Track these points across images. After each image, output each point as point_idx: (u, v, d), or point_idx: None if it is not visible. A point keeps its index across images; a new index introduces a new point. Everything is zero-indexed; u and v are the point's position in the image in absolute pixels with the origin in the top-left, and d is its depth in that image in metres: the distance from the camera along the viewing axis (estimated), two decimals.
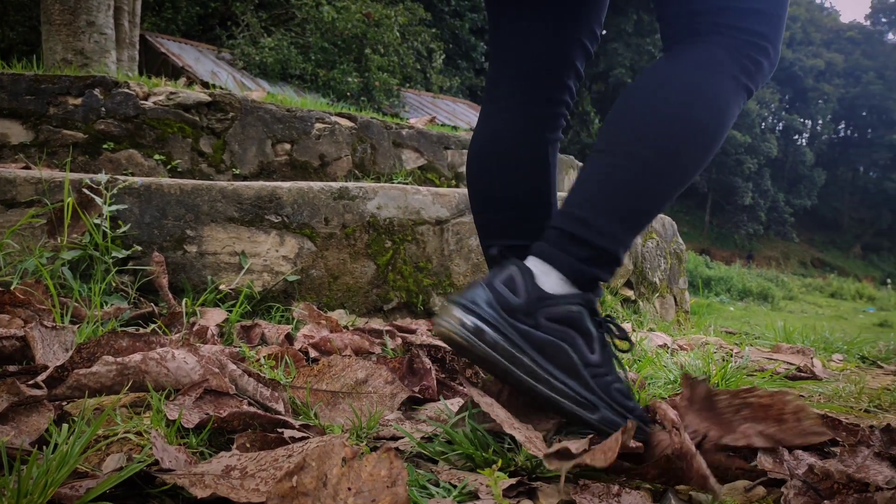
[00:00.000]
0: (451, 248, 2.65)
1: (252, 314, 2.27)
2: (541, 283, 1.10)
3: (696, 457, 0.93)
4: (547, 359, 1.08)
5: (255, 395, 1.26)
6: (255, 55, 13.24)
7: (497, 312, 1.06)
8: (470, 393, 1.13)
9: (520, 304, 1.07)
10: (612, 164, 1.13)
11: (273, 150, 3.05)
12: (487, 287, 1.08)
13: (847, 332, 10.96)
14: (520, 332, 1.07)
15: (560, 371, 1.09)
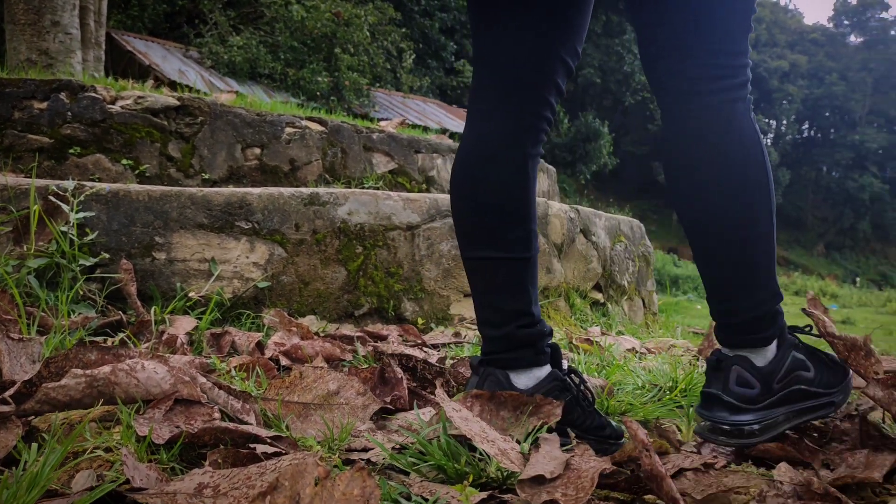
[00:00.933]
0: (423, 254, 2.66)
1: (222, 321, 2.26)
2: (759, 363, 1.28)
3: (665, 479, 0.95)
4: (790, 403, 1.29)
5: (226, 408, 1.26)
6: (224, 54, 13.10)
7: (746, 412, 1.26)
8: (444, 407, 1.14)
9: (757, 392, 1.27)
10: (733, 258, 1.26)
11: (243, 154, 3.03)
12: (726, 394, 1.27)
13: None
14: (766, 407, 1.27)
15: (801, 402, 1.30)
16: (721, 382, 1.27)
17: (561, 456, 1.07)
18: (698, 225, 1.28)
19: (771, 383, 1.27)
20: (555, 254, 3.13)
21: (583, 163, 26.57)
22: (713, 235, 1.27)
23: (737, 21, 1.23)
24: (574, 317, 3.20)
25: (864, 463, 1.19)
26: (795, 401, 1.29)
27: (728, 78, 1.23)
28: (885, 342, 10.71)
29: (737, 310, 1.28)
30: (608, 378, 1.82)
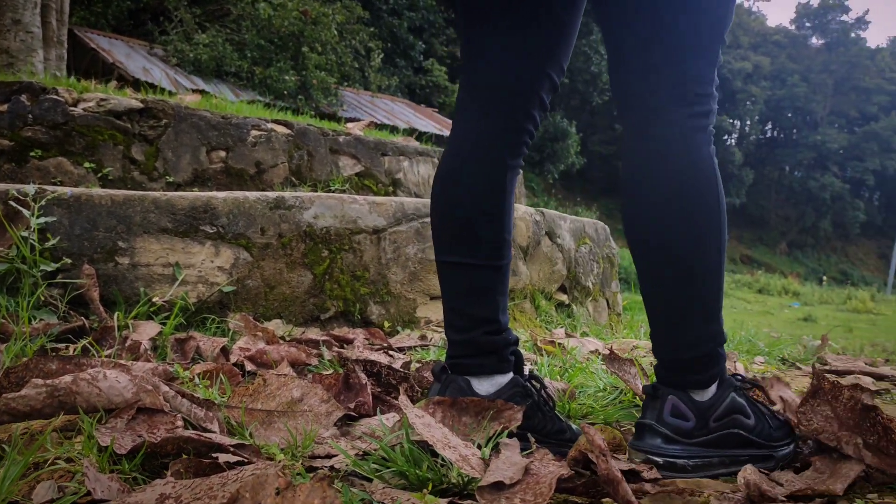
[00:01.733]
0: (389, 257, 2.67)
1: (186, 326, 2.25)
2: (698, 397, 1.28)
3: (621, 483, 0.98)
4: (727, 447, 1.28)
5: (190, 416, 1.26)
6: (189, 52, 12.94)
7: (679, 444, 1.25)
8: (407, 413, 1.16)
9: (692, 426, 1.26)
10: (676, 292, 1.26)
11: (208, 157, 3.02)
12: (660, 424, 1.26)
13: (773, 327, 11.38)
14: (701, 445, 1.26)
15: (739, 448, 1.29)
16: (656, 412, 1.27)
17: (520, 461, 1.09)
18: (646, 250, 1.28)
19: (708, 419, 1.26)
20: (520, 256, 3.16)
21: (550, 162, 26.73)
22: (659, 262, 1.26)
23: (705, 48, 1.23)
24: (539, 318, 3.23)
25: (829, 471, 1.22)
26: (733, 446, 1.28)
27: (693, 105, 1.24)
28: (846, 339, 10.95)
29: (678, 346, 1.27)
30: (570, 381, 1.85)
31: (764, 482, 1.13)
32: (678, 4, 1.20)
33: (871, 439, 1.23)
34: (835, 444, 1.26)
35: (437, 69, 22.91)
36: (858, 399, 1.24)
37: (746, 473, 1.13)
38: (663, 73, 1.22)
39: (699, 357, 1.28)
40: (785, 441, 1.34)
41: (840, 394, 1.28)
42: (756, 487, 1.09)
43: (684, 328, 1.27)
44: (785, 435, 1.35)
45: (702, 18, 1.22)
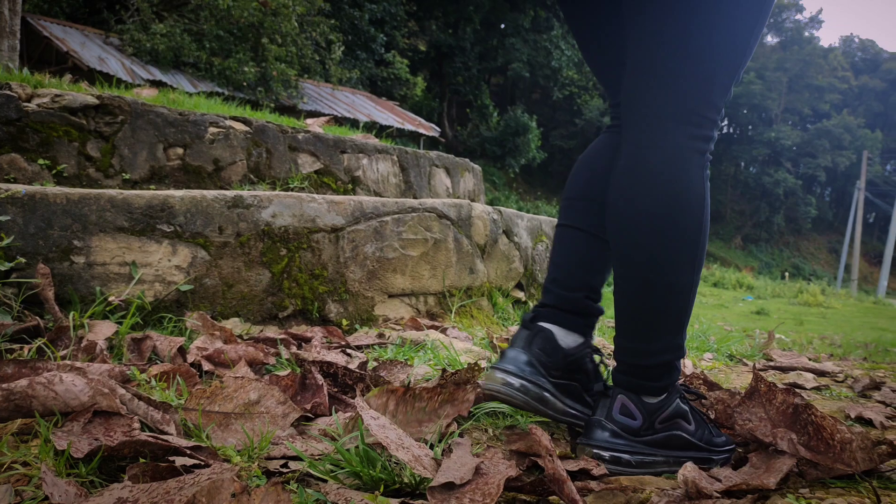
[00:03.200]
0: (347, 256, 2.69)
1: (143, 326, 2.25)
2: (646, 399, 1.35)
3: (566, 482, 1.02)
4: (670, 448, 1.35)
5: (146, 419, 1.28)
6: (146, 42, 12.74)
7: (625, 440, 1.32)
8: (362, 415, 1.19)
9: (639, 424, 1.33)
10: (645, 297, 1.32)
11: (165, 154, 3.00)
12: (608, 421, 1.33)
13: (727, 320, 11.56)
14: (646, 444, 1.33)
15: (681, 450, 1.35)
16: (605, 409, 1.34)
17: (471, 462, 1.14)
18: (626, 262, 1.33)
19: (654, 420, 1.34)
20: (478, 254, 3.21)
21: (512, 156, 26.89)
22: (637, 275, 1.32)
23: (720, 78, 1.28)
24: (496, 315, 3.28)
25: (765, 466, 1.29)
26: (677, 447, 1.35)
27: (697, 126, 1.29)
28: (796, 332, 11.23)
29: (641, 352, 1.34)
30: None
31: (702, 479, 1.19)
32: (705, 35, 1.25)
33: (803, 439, 1.30)
34: (770, 439, 1.33)
35: (399, 62, 22.87)
36: (791, 403, 1.31)
37: (686, 471, 1.19)
38: (679, 86, 1.27)
39: (659, 366, 1.35)
40: (725, 447, 1.41)
41: (774, 397, 1.34)
42: (694, 484, 1.14)
43: (650, 338, 1.34)
44: (725, 442, 1.42)
45: (723, 53, 1.27)
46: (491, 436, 1.53)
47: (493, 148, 26.89)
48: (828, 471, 1.28)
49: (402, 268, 2.86)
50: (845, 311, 19.80)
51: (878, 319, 17.64)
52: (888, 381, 2.50)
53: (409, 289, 2.90)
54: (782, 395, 1.37)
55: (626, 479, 1.25)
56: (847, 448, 1.29)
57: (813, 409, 1.32)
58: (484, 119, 27.52)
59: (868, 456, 1.29)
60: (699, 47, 1.26)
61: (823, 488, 1.25)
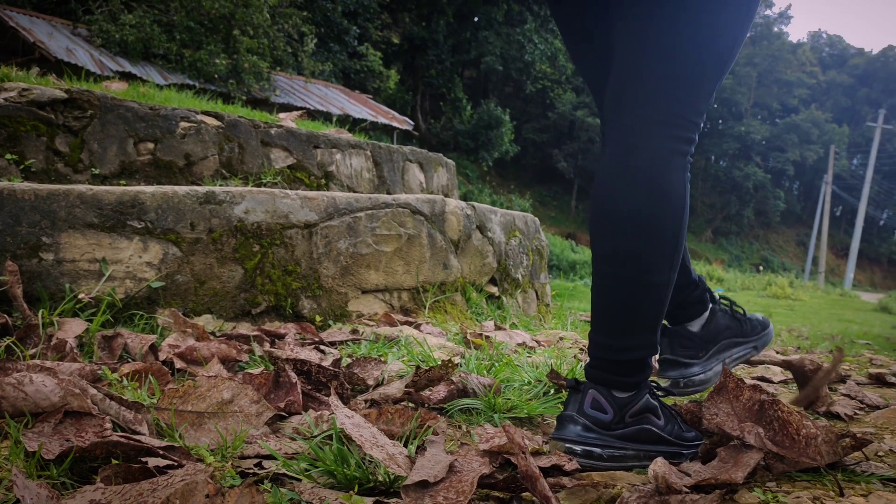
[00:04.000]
0: (320, 252, 2.69)
1: (114, 323, 2.23)
2: (617, 393, 1.38)
3: (539, 479, 1.04)
4: (641, 441, 1.37)
5: (118, 419, 1.27)
6: (115, 33, 12.53)
7: (597, 433, 1.34)
8: (336, 414, 1.20)
9: (610, 418, 1.36)
10: (622, 292, 1.35)
11: (135, 149, 2.97)
12: (580, 415, 1.36)
13: None
14: (617, 437, 1.36)
15: (652, 444, 1.38)
16: (577, 404, 1.36)
17: (445, 459, 1.15)
18: (607, 258, 1.36)
19: (624, 415, 1.36)
20: (452, 250, 3.22)
21: (485, 149, 26.91)
22: (618, 268, 1.34)
23: (704, 82, 1.32)
24: (470, 311, 3.30)
25: (733, 461, 1.31)
26: (646, 441, 1.38)
27: (680, 129, 1.32)
28: None
29: (616, 348, 1.37)
30: (496, 376, 1.91)
31: (672, 474, 1.21)
32: (692, 42, 1.28)
33: (770, 434, 1.32)
34: (738, 434, 1.36)
35: (372, 54, 22.78)
36: (757, 399, 1.34)
37: (656, 466, 1.21)
38: (663, 89, 1.30)
39: (633, 362, 1.38)
40: (694, 441, 1.44)
41: (742, 393, 1.37)
42: (664, 480, 1.16)
43: (626, 334, 1.37)
44: (695, 437, 1.45)
45: (708, 59, 1.30)
46: (464, 432, 1.54)
47: (466, 141, 26.89)
48: (794, 464, 1.31)
49: (376, 263, 2.86)
50: (813, 303, 20.14)
51: (845, 311, 17.96)
52: (853, 374, 2.56)
53: (382, 284, 2.90)
54: (749, 391, 1.39)
55: (597, 475, 1.27)
56: (812, 442, 1.32)
57: (779, 405, 1.34)
58: (457, 112, 27.51)
59: (832, 449, 1.33)
60: (686, 53, 1.29)
61: (790, 481, 1.28)
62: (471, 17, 27.45)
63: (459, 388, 1.69)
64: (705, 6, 1.28)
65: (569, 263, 24.09)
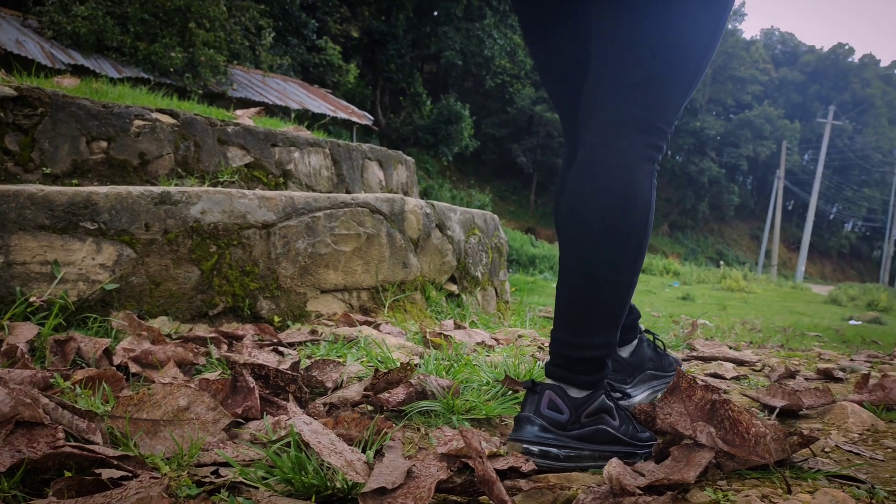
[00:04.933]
0: (279, 252, 2.67)
1: (67, 326, 2.19)
2: (573, 394, 1.40)
3: (496, 483, 1.05)
4: (596, 442, 1.39)
5: (71, 428, 1.25)
6: (67, 24, 12.23)
7: (553, 434, 1.36)
8: (293, 420, 1.20)
9: (566, 418, 1.38)
10: (587, 290, 1.39)
11: (88, 147, 2.91)
12: (537, 416, 1.37)
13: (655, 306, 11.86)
14: (573, 438, 1.38)
15: (607, 444, 1.40)
16: (533, 405, 1.38)
17: (403, 465, 1.15)
18: (574, 253, 1.39)
19: (580, 415, 1.39)
20: (411, 249, 3.22)
21: (445, 144, 26.91)
22: (585, 266, 1.38)
23: (676, 93, 1.38)
24: (430, 309, 3.31)
25: (685, 460, 1.34)
26: (603, 442, 1.40)
27: (650, 136, 1.37)
28: (719, 317, 11.62)
29: (577, 345, 1.41)
30: (455, 377, 1.92)
31: (626, 475, 1.23)
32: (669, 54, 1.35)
33: (721, 433, 1.36)
34: (690, 433, 1.39)
35: (331, 48, 22.59)
36: (709, 399, 1.37)
37: (610, 468, 1.23)
38: (637, 96, 1.35)
39: (592, 360, 1.41)
40: (649, 442, 1.48)
41: (694, 393, 1.40)
42: (618, 481, 1.19)
43: (589, 332, 1.41)
44: (649, 437, 1.49)
45: (682, 71, 1.37)
46: (423, 435, 1.55)
47: (426, 136, 26.86)
48: (744, 462, 1.34)
49: (335, 263, 2.85)
50: (766, 296, 20.59)
51: (796, 303, 18.40)
52: (802, 369, 2.63)
53: (341, 284, 2.89)
54: (701, 391, 1.43)
55: (553, 477, 1.29)
56: (762, 441, 1.35)
57: (730, 405, 1.38)
58: (417, 107, 27.45)
59: (781, 447, 1.37)
60: (662, 64, 1.35)
61: (740, 479, 1.32)
62: (430, 11, 27.41)
63: (418, 391, 1.70)
64: (681, 17, 1.34)
65: (528, 258, 24.24)
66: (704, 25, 1.37)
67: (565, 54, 1.58)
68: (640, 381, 1.70)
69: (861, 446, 1.56)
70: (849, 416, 1.75)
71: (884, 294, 22.04)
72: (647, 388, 1.69)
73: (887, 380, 1.97)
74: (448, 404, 1.69)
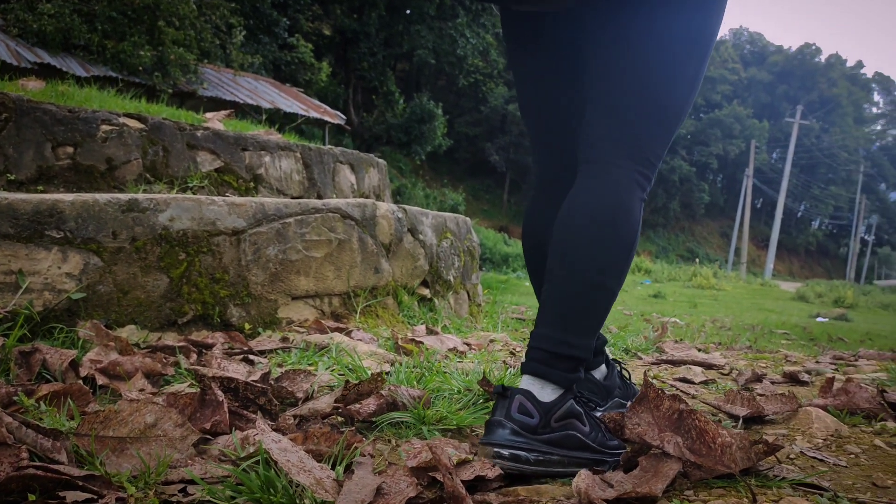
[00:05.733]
0: (249, 259, 2.65)
1: (32, 337, 2.15)
2: (543, 398, 1.43)
3: (465, 499, 1.05)
4: (566, 447, 1.42)
5: (36, 448, 1.23)
6: (33, 22, 12.01)
7: (524, 437, 1.39)
8: (262, 438, 1.19)
9: (536, 422, 1.40)
10: (573, 290, 1.47)
11: (54, 153, 2.87)
12: (507, 420, 1.40)
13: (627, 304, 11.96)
14: (543, 442, 1.40)
15: (577, 450, 1.43)
16: (504, 409, 1.42)
17: (372, 482, 1.15)
18: (562, 259, 1.49)
19: (550, 419, 1.42)
20: (383, 254, 3.22)
21: (418, 143, 26.88)
22: (569, 271, 1.47)
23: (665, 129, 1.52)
24: (402, 314, 3.30)
25: (653, 471, 1.36)
26: (573, 448, 1.44)
27: (642, 165, 1.50)
28: (690, 315, 11.74)
29: (561, 341, 1.46)
30: (426, 386, 1.92)
31: (595, 487, 1.24)
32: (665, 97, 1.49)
33: (688, 442, 1.38)
34: (658, 443, 1.40)
35: (303, 45, 22.46)
36: (676, 409, 1.39)
37: (579, 480, 1.24)
38: (631, 131, 1.49)
39: (571, 358, 1.46)
40: (618, 450, 1.50)
41: (662, 403, 1.42)
42: (586, 494, 1.20)
43: (572, 330, 1.48)
44: (618, 445, 1.51)
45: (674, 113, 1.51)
46: (394, 447, 1.55)
47: (399, 135, 26.80)
48: (710, 471, 1.36)
49: (306, 269, 2.84)
50: (735, 293, 20.85)
51: (765, 300, 18.66)
52: (769, 372, 2.66)
53: (313, 290, 2.88)
54: (669, 401, 1.45)
55: (523, 490, 1.29)
56: (728, 450, 1.37)
57: (696, 415, 1.40)
58: (390, 106, 27.38)
59: (746, 455, 1.39)
60: (659, 106, 1.49)
61: (706, 489, 1.33)
62: (403, 10, 27.35)
63: (389, 402, 1.70)
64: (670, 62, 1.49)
65: (501, 256, 24.31)
66: (690, 68, 1.51)
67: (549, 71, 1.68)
68: (610, 408, 1.74)
69: (825, 452, 1.59)
70: (813, 422, 1.78)
71: (850, 291, 22.45)
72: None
73: (851, 384, 2.01)
74: (419, 415, 1.69)
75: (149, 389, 1.88)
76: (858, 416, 1.88)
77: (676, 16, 1.48)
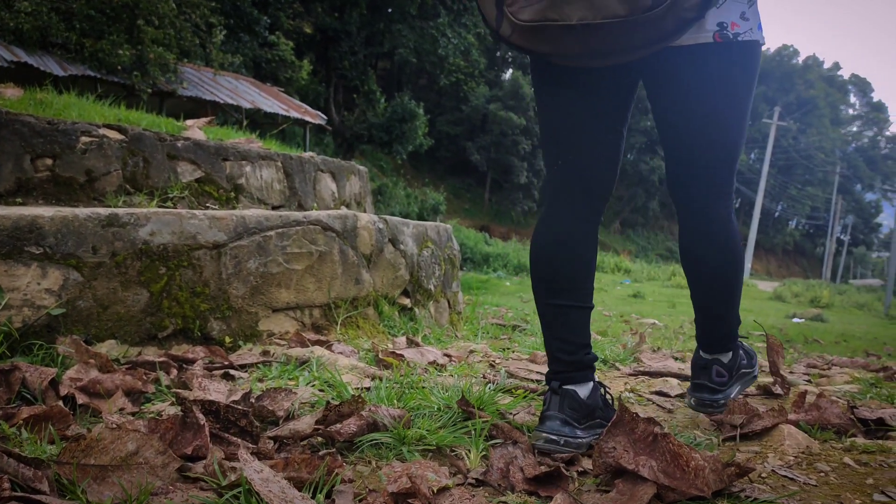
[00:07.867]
0: (230, 272, 2.66)
1: (11, 354, 2.15)
2: (725, 361, 2.02)
3: None
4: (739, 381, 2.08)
5: (17, 477, 1.24)
6: (10, 20, 11.88)
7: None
8: (244, 469, 1.21)
9: (726, 379, 2.01)
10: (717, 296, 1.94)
11: (33, 165, 2.85)
12: (709, 382, 2.01)
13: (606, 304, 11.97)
14: (729, 386, 2.02)
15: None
16: (707, 375, 2.00)
17: None
18: (704, 286, 1.93)
19: (733, 373, 2.02)
20: (364, 264, 3.23)
21: (399, 143, 26.86)
22: (713, 287, 1.92)
23: (733, 162, 1.80)
24: (383, 324, 3.32)
25: (629, 493, 1.39)
26: (741, 379, 2.07)
27: (728, 198, 1.83)
28: (669, 315, 11.84)
29: (720, 327, 1.98)
30: (406, 405, 1.94)
31: None
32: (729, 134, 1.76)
33: (662, 465, 1.41)
34: (633, 467, 1.44)
35: (284, 43, 22.36)
36: (651, 432, 1.42)
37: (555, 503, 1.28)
38: (714, 174, 1.79)
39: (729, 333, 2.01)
40: (753, 363, 2.14)
41: (637, 426, 1.45)
42: None
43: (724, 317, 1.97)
44: (751, 359, 2.14)
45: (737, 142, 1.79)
46: (374, 468, 1.57)
47: (380, 134, 26.76)
48: (684, 494, 1.39)
49: (287, 282, 2.85)
50: None
51: (743, 301, 18.78)
52: None
53: (294, 302, 2.89)
54: (644, 424, 1.48)
55: None
56: (701, 473, 1.41)
57: (670, 438, 1.43)
58: (371, 105, 27.32)
59: (719, 478, 1.42)
60: (737, 146, 1.79)
61: None
62: (384, 8, 27.30)
63: (370, 422, 1.72)
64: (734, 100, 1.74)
65: (482, 256, 24.37)
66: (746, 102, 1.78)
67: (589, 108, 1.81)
68: (590, 427, 1.79)
69: (796, 470, 1.63)
70: (785, 439, 1.82)
71: (826, 290, 22.74)
72: (593, 436, 1.78)
73: (822, 399, 2.05)
74: (399, 435, 1.71)
75: (129, 409, 1.89)
76: (829, 432, 1.92)
77: (737, 60, 1.70)
